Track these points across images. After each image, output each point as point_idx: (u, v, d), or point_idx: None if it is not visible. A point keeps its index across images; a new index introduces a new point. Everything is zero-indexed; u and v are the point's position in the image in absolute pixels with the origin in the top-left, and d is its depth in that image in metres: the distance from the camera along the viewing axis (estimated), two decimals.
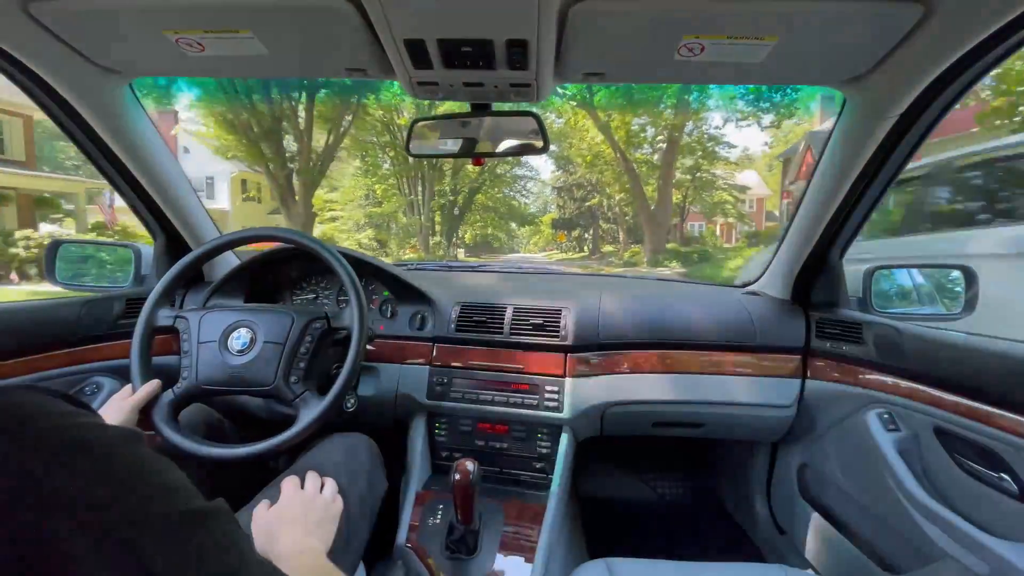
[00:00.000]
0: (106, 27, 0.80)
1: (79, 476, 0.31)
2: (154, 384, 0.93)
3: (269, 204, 21.93)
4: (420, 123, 1.05)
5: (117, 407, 0.88)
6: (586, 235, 29.73)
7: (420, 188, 20.97)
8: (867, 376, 1.09)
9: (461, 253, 27.04)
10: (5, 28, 0.81)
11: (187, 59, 0.86)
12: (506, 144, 1.04)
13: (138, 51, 0.87)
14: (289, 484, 0.80)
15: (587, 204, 27.35)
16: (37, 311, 1.10)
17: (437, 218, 22.70)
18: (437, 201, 22.04)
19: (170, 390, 0.95)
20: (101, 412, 0.84)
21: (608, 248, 26.68)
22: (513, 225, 31.46)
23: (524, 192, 29.43)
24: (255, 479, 0.93)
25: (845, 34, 0.73)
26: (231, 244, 1.09)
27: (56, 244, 1.33)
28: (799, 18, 0.69)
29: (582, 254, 28.30)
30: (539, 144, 1.01)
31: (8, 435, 0.30)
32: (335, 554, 0.75)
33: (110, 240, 1.91)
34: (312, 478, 0.83)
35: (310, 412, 0.92)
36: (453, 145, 1.06)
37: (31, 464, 0.30)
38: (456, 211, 23.84)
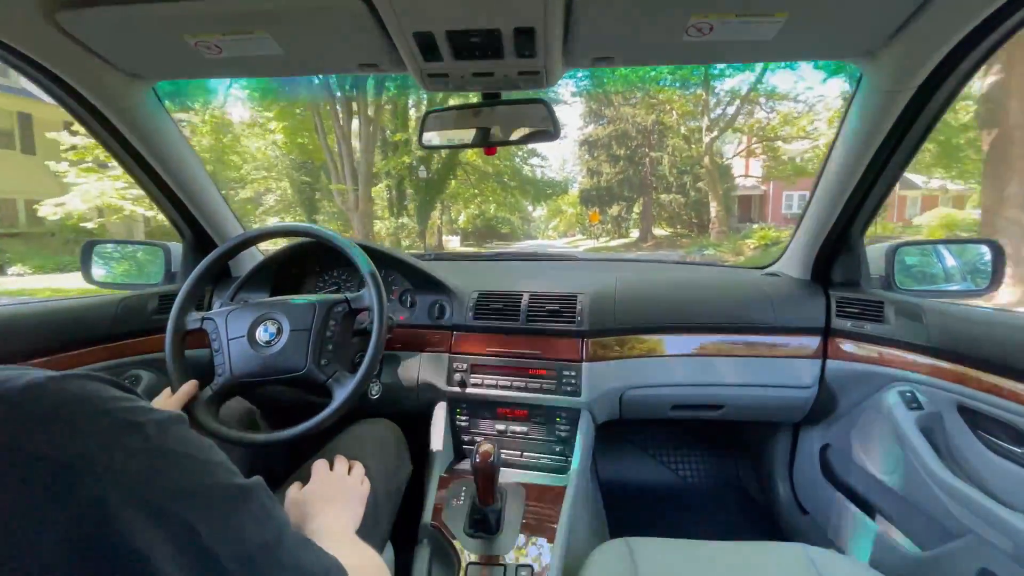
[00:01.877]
0: (129, 34, 0.83)
1: (133, 454, 0.34)
2: (192, 385, 0.96)
3: None
4: (432, 115, 1.07)
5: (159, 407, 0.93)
6: (629, 212, 21.74)
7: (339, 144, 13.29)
8: (889, 354, 1.07)
9: (451, 243, 22.60)
10: (33, 38, 0.85)
11: (206, 61, 0.89)
12: (518, 132, 1.05)
13: (159, 56, 0.90)
14: (320, 466, 0.84)
15: (634, 166, 19.74)
16: (78, 310, 1.16)
17: (384, 190, 15.79)
18: (392, 161, 14.45)
19: (208, 387, 0.99)
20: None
21: (663, 231, 20.15)
22: (527, 204, 24.76)
23: (541, 159, 21.13)
24: (286, 463, 0.97)
25: (857, 5, 0.71)
26: (252, 240, 1.12)
27: (91, 244, 1.40)
28: None
29: (625, 240, 21.22)
30: (550, 131, 1.02)
31: (66, 419, 0.33)
32: (363, 533, 0.78)
33: (141, 240, 1.98)
34: (341, 461, 0.87)
35: (344, 390, 0.96)
36: (465, 135, 1.07)
37: (89, 445, 0.32)
38: (423, 175, 15.64)
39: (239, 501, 0.39)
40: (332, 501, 0.76)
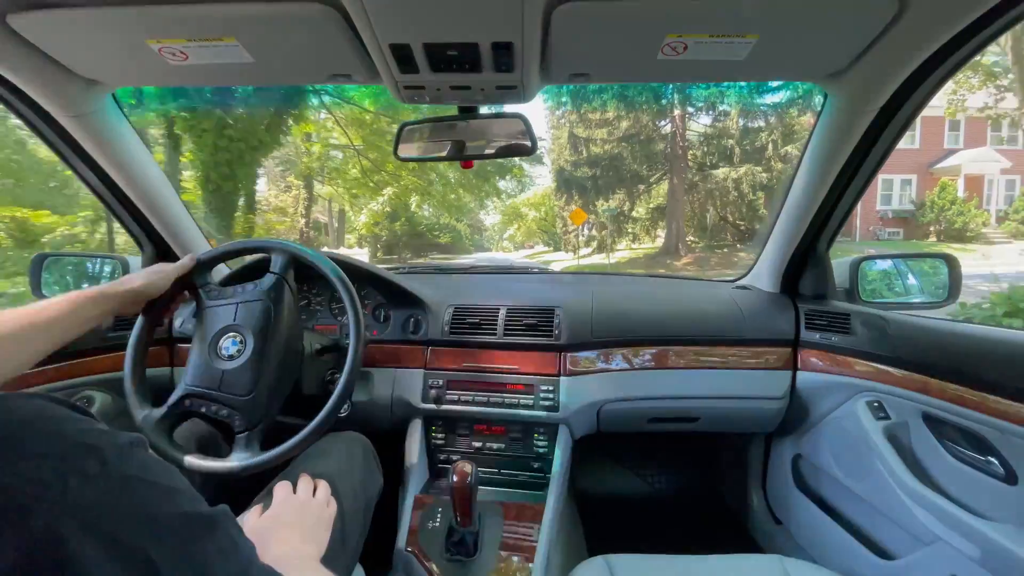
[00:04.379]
0: (88, 38, 0.79)
1: (90, 480, 0.31)
2: (192, 257, 0.97)
3: None
4: (408, 127, 1.05)
5: (153, 273, 0.91)
6: (635, 208, 16.80)
7: None
8: (856, 365, 1.11)
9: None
10: None
11: (171, 68, 0.86)
12: (494, 146, 1.04)
13: (121, 61, 0.86)
14: (281, 489, 0.80)
15: (649, 140, 15.39)
16: None
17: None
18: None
19: (164, 405, 0.93)
20: (130, 278, 0.89)
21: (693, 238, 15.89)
22: (476, 203, 18.65)
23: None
24: (248, 484, 0.92)
25: (823, 31, 0.74)
26: (223, 256, 1.08)
27: (42, 258, 1.32)
28: (778, 15, 0.70)
29: (631, 252, 16.94)
30: (527, 145, 1.02)
31: (18, 442, 0.30)
32: (330, 557, 0.74)
33: (96, 252, 1.87)
34: (305, 481, 0.82)
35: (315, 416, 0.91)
36: (441, 149, 1.06)
37: (43, 470, 0.30)
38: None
39: (203, 532, 0.36)
40: (294, 527, 0.72)
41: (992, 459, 0.82)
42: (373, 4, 0.67)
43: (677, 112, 15.17)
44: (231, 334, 0.96)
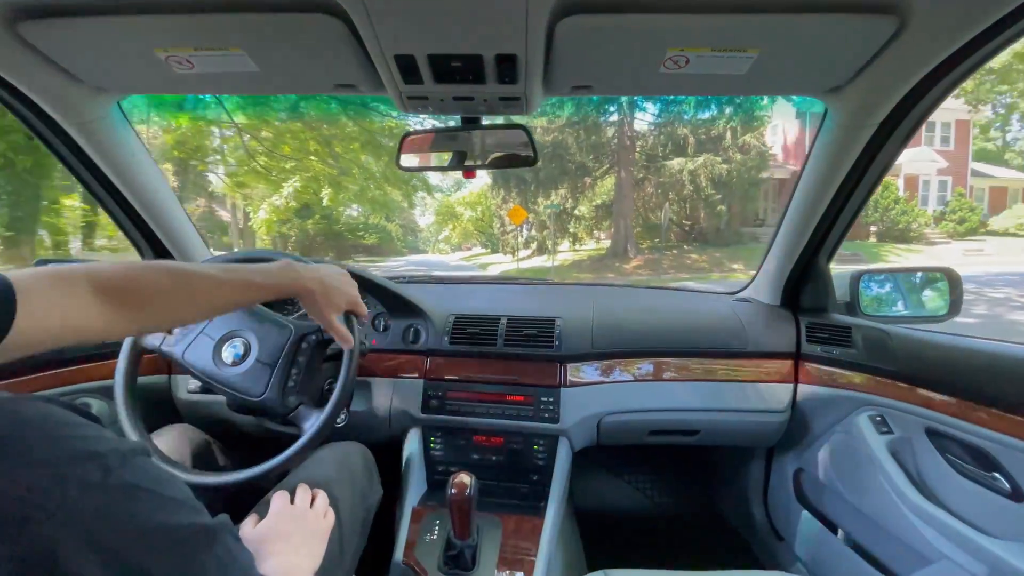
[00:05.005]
0: (97, 47, 0.80)
1: (89, 488, 0.30)
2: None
3: None
4: (410, 137, 1.06)
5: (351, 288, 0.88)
6: (578, 205, 15.68)
7: None
8: (858, 379, 1.10)
9: None
10: None
11: (177, 76, 0.86)
12: (496, 156, 1.05)
13: (128, 69, 0.87)
14: (278, 499, 0.79)
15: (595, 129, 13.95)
16: None
17: None
18: None
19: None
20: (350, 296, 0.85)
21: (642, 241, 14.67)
22: (404, 200, 15.79)
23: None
24: (246, 493, 0.91)
25: (824, 46, 0.75)
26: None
27: (42, 264, 1.32)
28: (779, 31, 0.71)
29: (575, 255, 15.91)
30: (529, 156, 1.02)
31: (20, 446, 0.30)
32: (327, 568, 0.73)
33: (96, 260, 1.87)
34: (302, 492, 0.82)
35: (311, 425, 0.92)
36: (443, 159, 1.07)
37: (42, 476, 0.29)
38: None
39: (201, 544, 0.36)
40: (290, 538, 0.71)
41: (997, 475, 0.81)
42: (378, 16, 0.68)
43: (624, 98, 13.76)
44: (234, 339, 0.97)
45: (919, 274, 1.26)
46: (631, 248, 15.14)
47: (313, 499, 0.81)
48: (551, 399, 1.19)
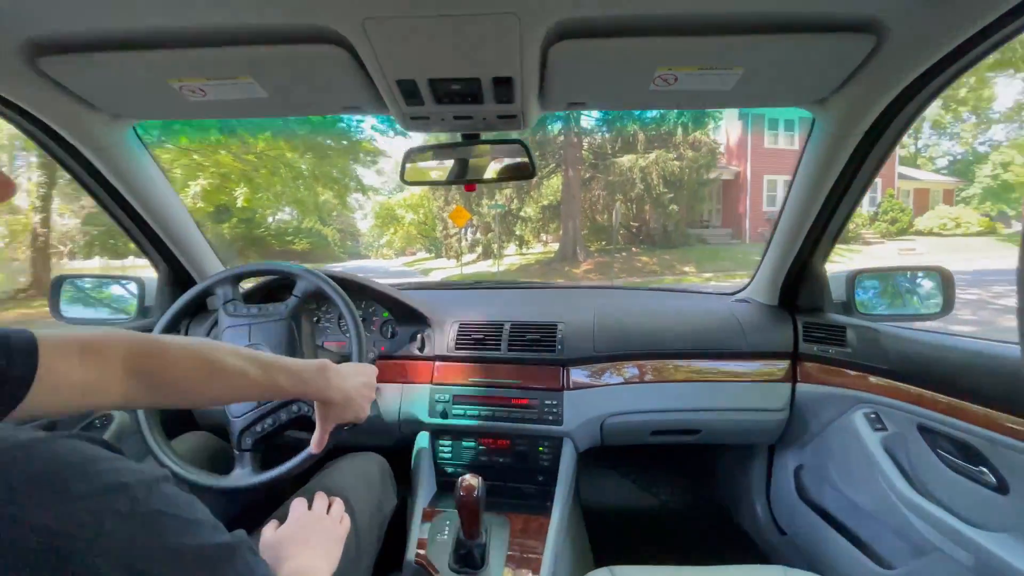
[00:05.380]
0: (113, 78, 0.84)
1: (122, 518, 0.33)
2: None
3: None
4: (413, 152, 1.10)
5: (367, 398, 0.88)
6: (523, 206, 15.10)
7: None
8: (853, 377, 1.13)
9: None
10: (15, 83, 0.85)
11: (190, 104, 0.91)
12: (495, 170, 1.09)
13: (143, 98, 0.92)
14: (297, 505, 0.82)
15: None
16: None
17: None
18: None
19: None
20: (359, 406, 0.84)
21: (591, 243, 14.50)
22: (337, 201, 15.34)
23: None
24: (266, 501, 0.96)
25: (805, 63, 0.78)
26: (236, 278, 1.12)
27: (60, 279, 1.37)
28: (762, 50, 0.74)
29: (521, 258, 15.60)
30: (527, 170, 1.06)
31: (58, 484, 0.32)
32: (345, 571, 0.77)
33: (114, 274, 1.91)
34: (320, 499, 0.86)
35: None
36: (445, 173, 1.11)
37: (79, 511, 0.32)
38: None
39: (223, 561, 0.39)
40: (307, 543, 0.75)
41: (984, 469, 0.84)
42: (381, 46, 0.72)
43: None
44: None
45: (912, 273, 1.28)
46: (580, 251, 14.58)
47: (330, 506, 0.85)
48: (555, 402, 1.23)
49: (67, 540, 0.30)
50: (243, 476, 0.94)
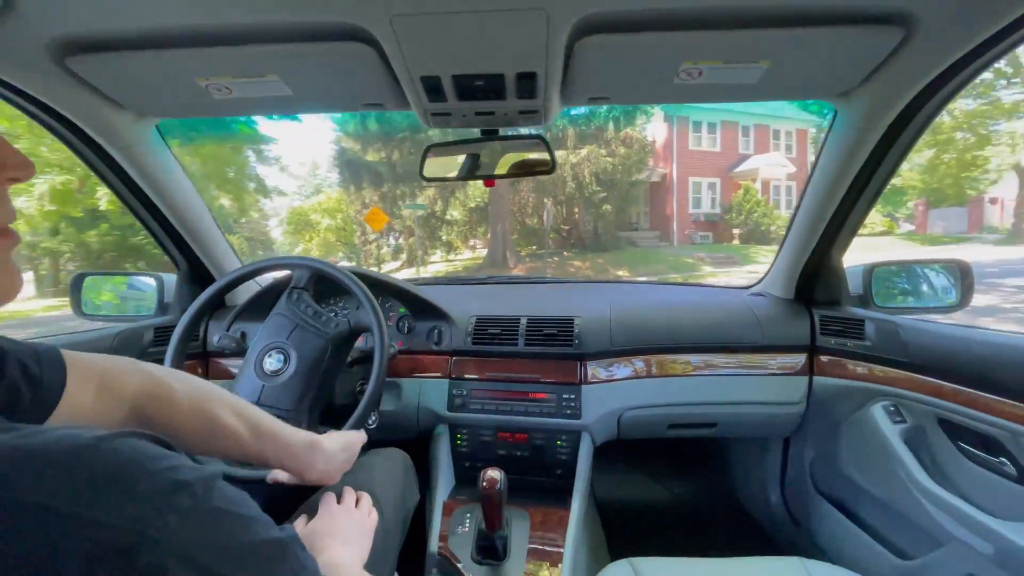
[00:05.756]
0: (141, 78, 0.85)
1: (185, 515, 0.34)
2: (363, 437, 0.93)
3: None
4: (433, 148, 1.11)
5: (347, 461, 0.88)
6: (448, 208, 14.16)
7: None
8: (871, 370, 1.13)
9: None
10: (43, 82, 0.86)
11: (215, 101, 0.92)
12: (516, 166, 1.09)
13: (169, 96, 0.92)
14: (327, 500, 0.84)
15: None
16: (74, 345, 1.15)
17: None
18: None
19: None
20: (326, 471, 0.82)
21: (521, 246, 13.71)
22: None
23: None
24: (295, 496, 0.97)
25: (832, 56, 0.78)
26: (253, 274, 1.14)
27: (81, 276, 1.39)
28: (788, 43, 0.74)
29: (446, 264, 14.77)
30: (547, 166, 1.06)
31: (123, 483, 0.33)
32: (372, 564, 0.78)
33: (133, 271, 1.93)
34: (348, 493, 0.87)
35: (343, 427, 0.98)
36: (465, 169, 1.12)
37: (145, 509, 0.32)
38: None
39: (278, 556, 0.39)
40: (339, 536, 0.76)
41: (1004, 460, 0.85)
42: (408, 42, 0.72)
43: None
44: (273, 351, 1.02)
45: (930, 266, 1.28)
46: (511, 256, 13.71)
47: (358, 500, 0.87)
48: (572, 396, 1.23)
49: (134, 538, 0.31)
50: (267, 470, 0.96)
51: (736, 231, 16.33)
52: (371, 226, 12.39)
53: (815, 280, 1.31)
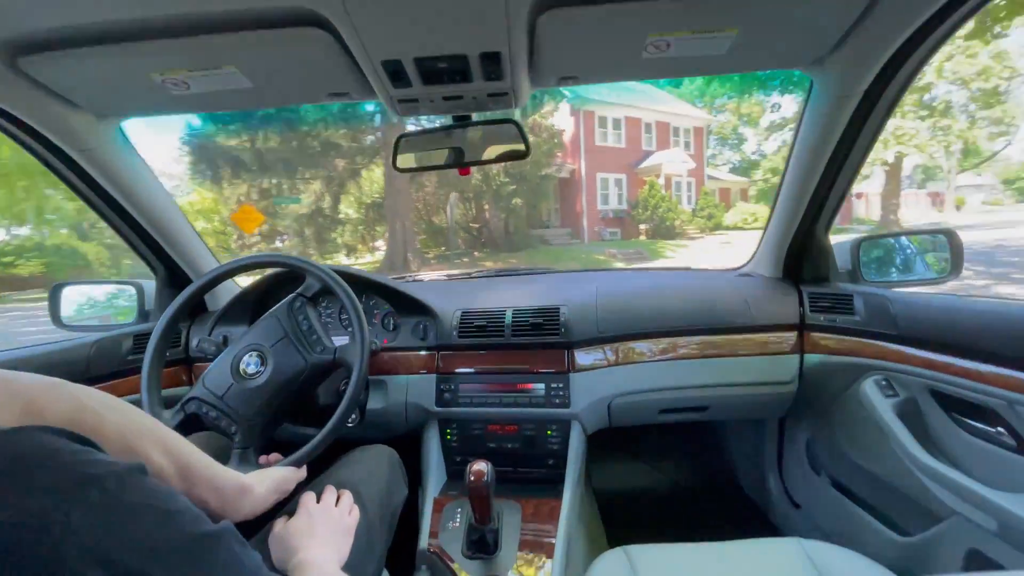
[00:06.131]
0: (94, 75, 0.83)
1: (91, 509, 0.32)
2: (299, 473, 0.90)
3: None
4: (405, 138, 1.08)
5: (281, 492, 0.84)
6: (338, 207, 12.62)
7: None
8: (862, 345, 1.11)
9: None
10: None
11: (174, 98, 0.89)
12: (490, 151, 1.07)
13: (126, 94, 0.90)
14: (306, 499, 0.82)
15: None
16: (50, 355, 1.13)
17: None
18: None
19: (178, 406, 0.98)
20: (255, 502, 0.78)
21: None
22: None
23: None
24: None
25: (801, 19, 0.76)
26: (229, 273, 1.11)
27: (59, 287, 1.36)
28: (755, 7, 0.72)
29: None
30: (521, 149, 1.04)
31: (22, 476, 0.32)
32: (357, 563, 0.77)
33: (112, 279, 1.91)
34: (329, 492, 0.85)
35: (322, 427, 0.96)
36: (438, 157, 1.09)
37: (45, 502, 0.31)
38: None
39: (205, 551, 0.38)
40: (316, 535, 0.75)
41: (1001, 430, 0.83)
42: (363, 24, 0.70)
43: None
44: (254, 352, 1.00)
45: (919, 237, 1.26)
46: (413, 257, 12.05)
47: (339, 498, 0.85)
48: (561, 385, 1.22)
49: (32, 534, 0.30)
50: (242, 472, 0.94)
51: (643, 227, 16.52)
52: (241, 227, 10.44)
53: (802, 257, 1.29)
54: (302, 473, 0.89)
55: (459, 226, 14.06)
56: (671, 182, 17.86)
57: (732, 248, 13.64)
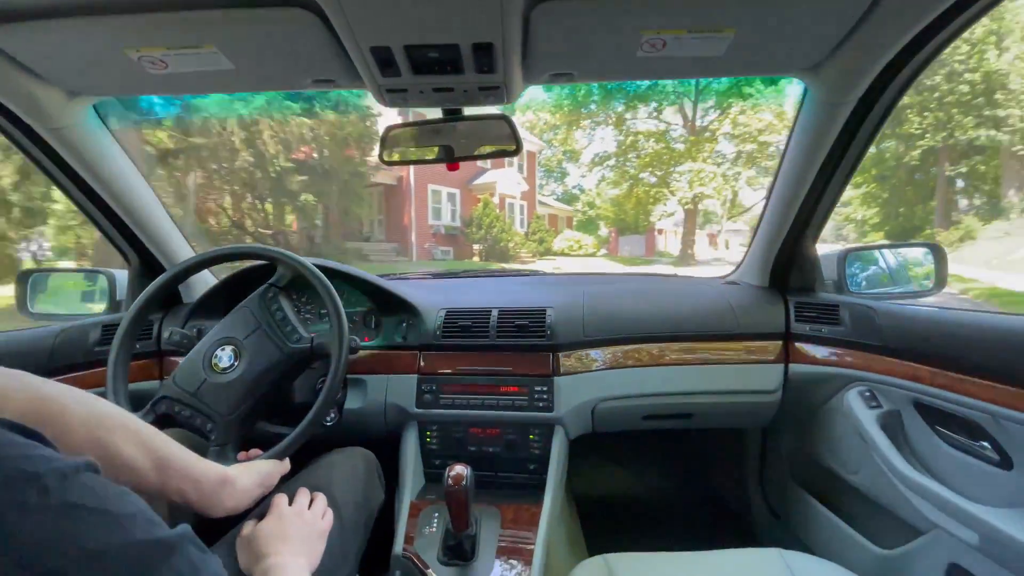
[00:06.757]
0: (66, 49, 0.79)
1: (29, 512, 0.29)
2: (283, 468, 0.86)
3: None
4: (393, 131, 1.05)
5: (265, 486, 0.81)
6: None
7: None
8: (846, 356, 1.11)
9: None
10: None
11: (151, 77, 0.85)
12: (480, 147, 1.04)
13: (100, 72, 0.86)
14: (278, 501, 0.79)
15: None
16: (10, 343, 1.08)
17: None
18: None
19: (148, 406, 0.93)
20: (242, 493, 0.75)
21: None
22: None
23: None
24: None
25: (799, 23, 0.75)
26: (203, 264, 1.07)
27: (27, 274, 1.31)
28: (754, 9, 0.71)
29: None
30: (512, 147, 1.02)
31: None
32: (329, 567, 0.74)
33: (83, 267, 1.83)
34: (302, 494, 0.82)
35: (297, 425, 0.92)
36: (427, 152, 1.06)
37: None
38: None
39: (159, 558, 0.34)
40: (286, 539, 0.71)
41: (986, 444, 0.82)
42: (352, 8, 0.67)
43: None
44: (227, 345, 0.96)
45: (905, 250, 1.27)
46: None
47: (312, 501, 0.81)
48: (545, 388, 1.19)
49: None
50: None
51: (476, 247, 15.83)
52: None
53: (789, 267, 1.29)
54: (286, 466, 0.86)
55: (243, 231, 10.19)
56: (504, 203, 17.27)
57: (565, 274, 13.90)
